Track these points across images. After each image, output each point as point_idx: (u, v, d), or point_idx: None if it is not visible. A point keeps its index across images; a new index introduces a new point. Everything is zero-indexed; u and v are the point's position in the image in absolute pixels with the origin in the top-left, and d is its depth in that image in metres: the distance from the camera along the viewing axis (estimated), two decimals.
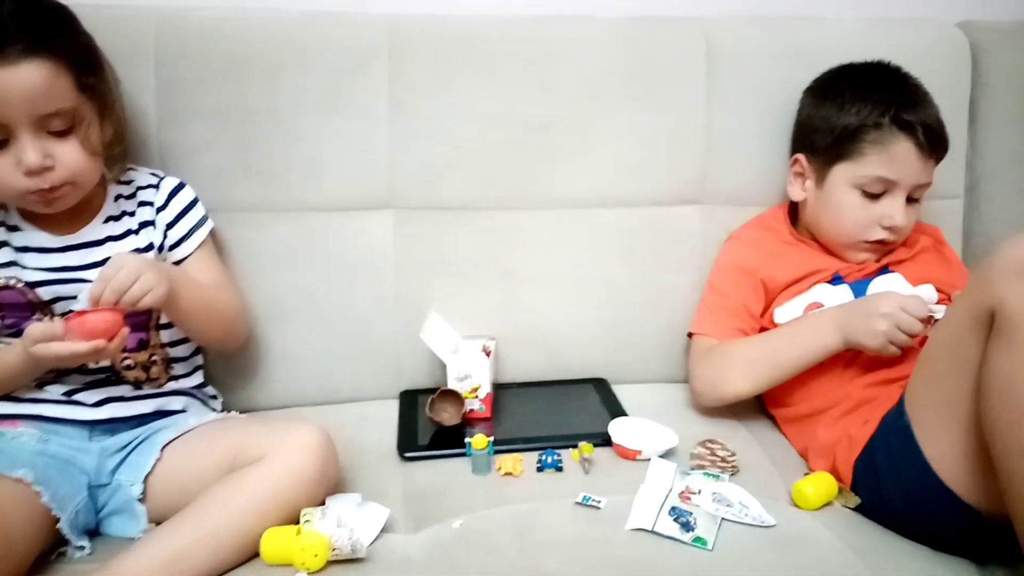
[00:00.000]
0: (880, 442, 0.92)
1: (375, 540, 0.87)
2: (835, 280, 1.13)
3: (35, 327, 0.86)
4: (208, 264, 1.05)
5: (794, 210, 1.22)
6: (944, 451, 0.83)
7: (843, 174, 1.11)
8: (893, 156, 1.07)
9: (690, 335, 1.20)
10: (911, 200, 1.11)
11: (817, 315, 1.08)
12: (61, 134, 0.90)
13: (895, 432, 0.89)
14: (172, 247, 1.03)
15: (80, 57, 0.92)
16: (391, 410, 1.17)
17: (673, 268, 1.25)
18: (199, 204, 1.06)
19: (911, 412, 0.87)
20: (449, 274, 1.22)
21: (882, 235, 1.10)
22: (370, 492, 0.94)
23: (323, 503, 0.89)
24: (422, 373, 1.22)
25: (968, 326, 0.80)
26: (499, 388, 1.19)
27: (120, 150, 0.99)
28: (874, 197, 1.10)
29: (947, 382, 0.83)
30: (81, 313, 0.85)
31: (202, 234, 1.05)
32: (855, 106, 1.10)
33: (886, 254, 1.14)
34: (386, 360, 1.21)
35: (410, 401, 1.18)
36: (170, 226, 1.02)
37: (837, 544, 0.89)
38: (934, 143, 1.09)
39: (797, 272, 1.13)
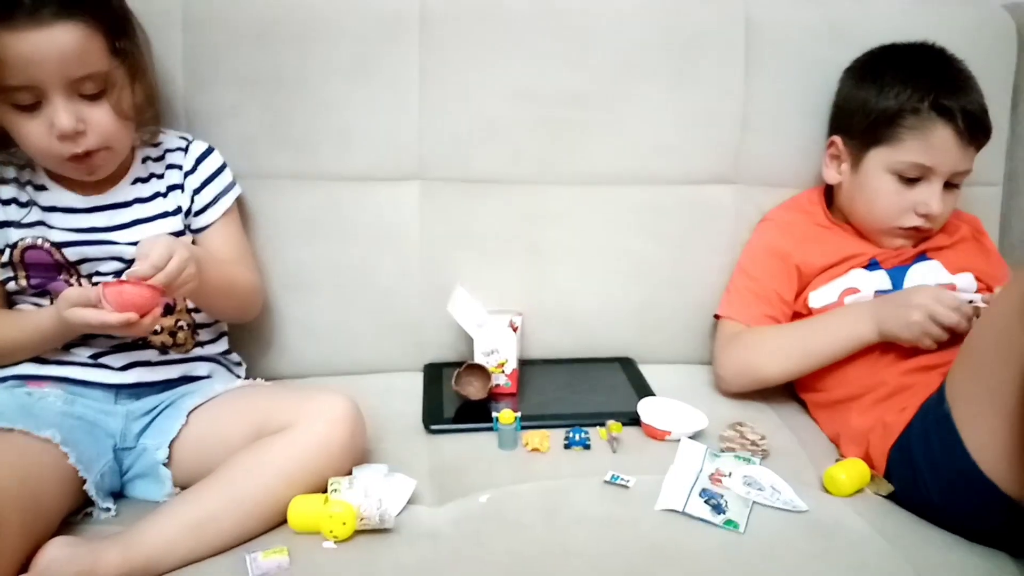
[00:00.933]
0: (918, 429, 0.90)
1: (401, 511, 0.86)
2: (872, 265, 1.10)
3: (71, 291, 0.85)
4: (230, 232, 1.04)
5: (829, 193, 1.19)
6: (985, 440, 0.82)
7: (879, 159, 1.08)
8: (931, 142, 1.05)
9: (716, 317, 1.18)
10: (950, 186, 1.08)
11: (852, 306, 1.06)
12: (93, 98, 0.89)
13: (935, 420, 0.87)
14: (198, 212, 1.01)
15: (112, 20, 0.90)
16: (415, 383, 1.15)
17: (704, 248, 1.23)
18: (227, 170, 1.05)
19: (952, 400, 0.85)
20: (475, 248, 1.20)
21: (917, 222, 1.08)
22: (396, 464, 0.93)
23: (350, 473, 0.88)
24: (446, 347, 1.21)
25: (1016, 316, 0.78)
26: (524, 364, 1.17)
27: (151, 114, 0.98)
28: (910, 183, 1.07)
29: (992, 372, 0.81)
30: (121, 282, 0.84)
31: (228, 201, 1.04)
32: (895, 89, 1.07)
33: (922, 240, 1.12)
34: (410, 332, 1.20)
35: (434, 374, 1.17)
36: (197, 191, 1.01)
37: (870, 532, 0.87)
38: (974, 130, 1.06)
39: (833, 257, 1.11)
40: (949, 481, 0.86)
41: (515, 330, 1.12)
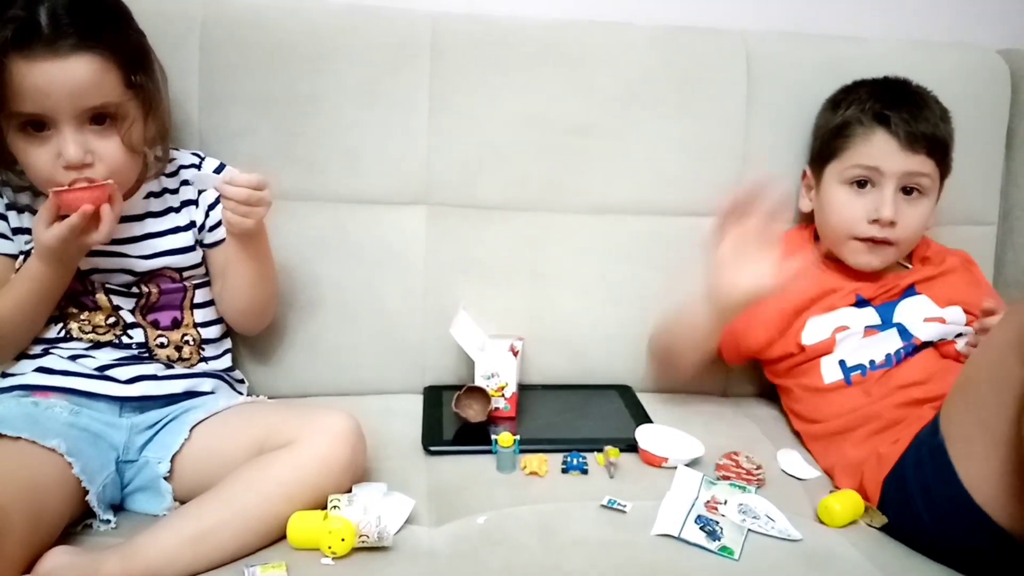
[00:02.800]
0: (912, 460, 0.92)
1: (400, 530, 0.87)
2: (860, 303, 1.12)
3: (37, 219, 0.88)
4: None
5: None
6: (979, 472, 0.83)
7: (832, 172, 1.14)
8: (873, 144, 1.10)
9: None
10: (909, 193, 1.10)
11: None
12: (103, 130, 0.89)
13: (928, 450, 0.88)
14: (212, 227, 1.03)
15: (130, 54, 0.91)
16: (415, 404, 1.16)
17: (697, 279, 1.25)
18: None
19: (946, 431, 0.87)
20: (479, 272, 1.22)
21: (871, 230, 1.10)
22: (394, 484, 0.94)
23: (350, 491, 0.89)
24: (447, 370, 1.22)
25: (1010, 349, 0.79)
26: (523, 388, 1.18)
27: (162, 149, 0.99)
28: (861, 190, 1.11)
29: (986, 403, 0.83)
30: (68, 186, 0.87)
31: None
32: (848, 109, 1.14)
33: (889, 251, 1.11)
34: (412, 355, 1.21)
35: (434, 397, 1.18)
36: (212, 206, 1.02)
37: (863, 562, 0.88)
38: (914, 137, 1.09)
39: (815, 291, 1.12)
40: (943, 511, 0.86)
41: (516, 354, 1.13)
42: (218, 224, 1.03)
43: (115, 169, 0.91)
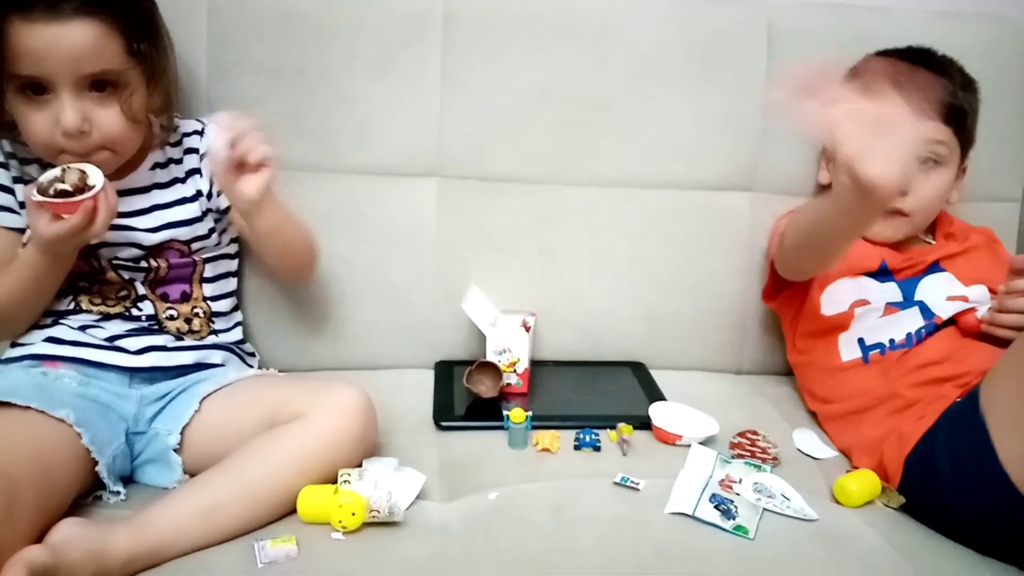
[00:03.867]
0: (942, 436, 0.89)
1: (410, 505, 0.86)
2: (883, 275, 1.09)
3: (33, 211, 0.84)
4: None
5: None
6: (1020, 452, 0.80)
7: None
8: None
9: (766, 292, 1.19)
10: (932, 163, 1.07)
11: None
12: (103, 97, 0.87)
13: (966, 427, 0.86)
14: (220, 193, 1.00)
15: (135, 21, 0.88)
16: (426, 379, 1.15)
17: (719, 254, 1.23)
18: None
19: (987, 407, 0.83)
20: (490, 247, 1.20)
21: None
22: (405, 459, 0.93)
23: (360, 465, 0.88)
24: (458, 345, 1.21)
25: None
26: (535, 365, 1.17)
27: (167, 119, 0.97)
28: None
29: None
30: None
31: None
32: (866, 76, 1.09)
33: (902, 220, 1.08)
34: (422, 330, 1.20)
35: (445, 372, 1.17)
36: None
37: (881, 543, 0.86)
38: (925, 103, 1.05)
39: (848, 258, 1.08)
40: (972, 489, 0.84)
41: (528, 330, 1.12)
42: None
43: (113, 138, 0.89)
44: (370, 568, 0.77)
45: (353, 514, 0.81)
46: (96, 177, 0.85)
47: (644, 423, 1.03)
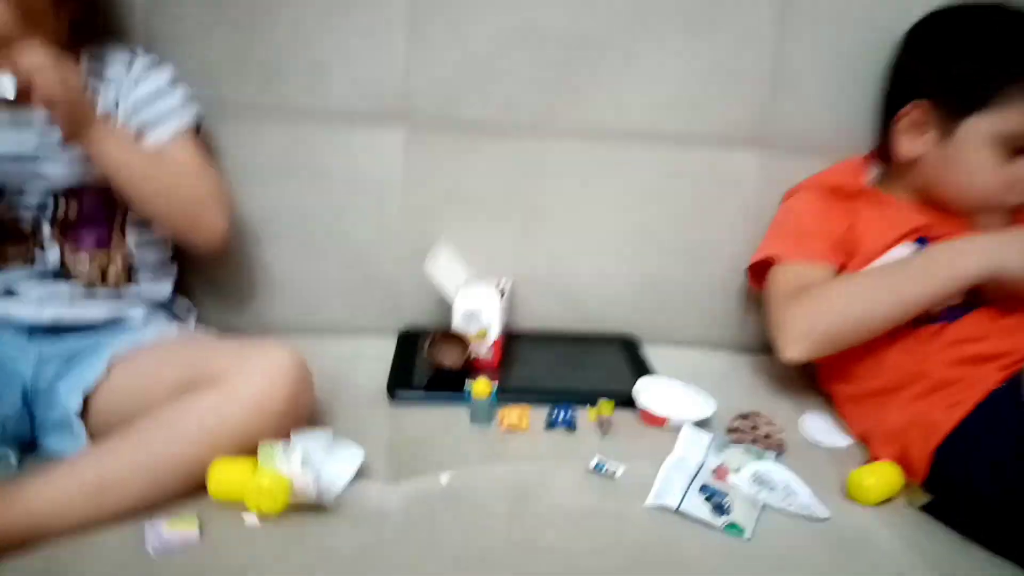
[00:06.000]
0: (981, 424, 0.77)
1: (347, 488, 0.73)
2: (922, 243, 0.95)
3: None
4: (184, 159, 0.89)
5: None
6: None
7: (982, 127, 0.90)
8: None
9: (750, 271, 1.03)
10: None
11: (941, 245, 0.89)
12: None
13: (1009, 415, 0.74)
14: (140, 131, 0.87)
15: None
16: (387, 348, 1.03)
17: (722, 218, 1.09)
18: (179, 90, 0.91)
19: None
20: (464, 203, 1.07)
21: (1021, 199, 0.91)
22: (351, 435, 0.80)
23: (288, 439, 0.75)
24: (426, 312, 1.08)
25: None
26: (512, 337, 1.05)
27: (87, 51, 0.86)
28: (1016, 154, 0.90)
29: None
30: None
31: (177, 122, 0.89)
32: (1000, 51, 0.91)
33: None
34: (386, 293, 1.08)
35: (410, 341, 1.04)
36: (139, 108, 0.88)
37: (902, 548, 0.73)
38: None
39: (898, 229, 0.94)
40: (1016, 491, 0.72)
41: (501, 296, 0.98)
42: (148, 127, 0.88)
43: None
44: (281, 561, 0.65)
45: (273, 497, 0.68)
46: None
47: (629, 401, 0.90)
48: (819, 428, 0.91)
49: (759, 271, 1.01)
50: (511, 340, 1.04)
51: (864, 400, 0.91)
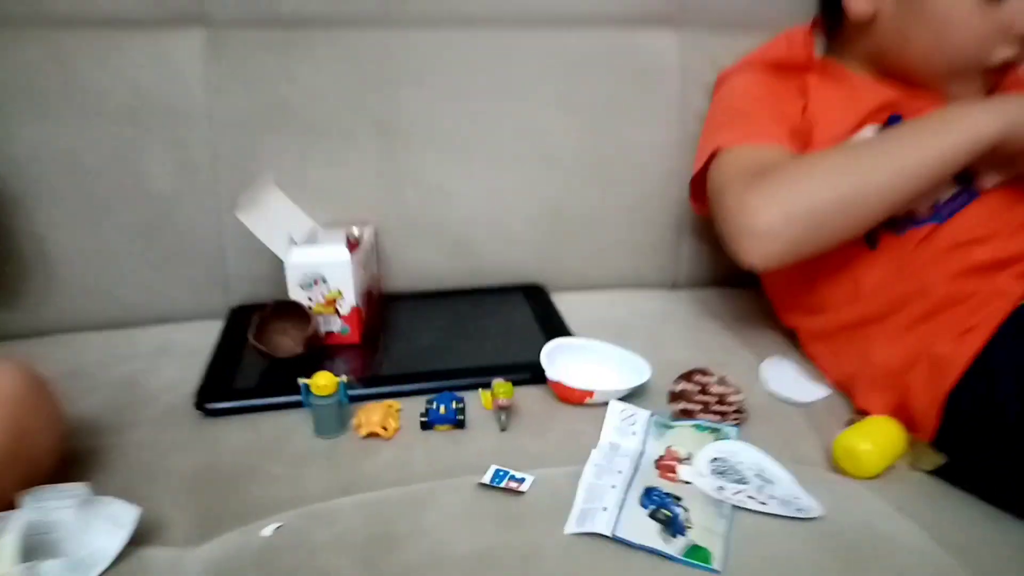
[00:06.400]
0: (1005, 354, 0.58)
1: (115, 562, 0.48)
2: (892, 121, 0.73)
3: None
4: None
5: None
6: None
7: None
8: None
9: (696, 185, 0.79)
10: None
11: (948, 108, 0.68)
12: None
13: None
14: None
15: None
16: (208, 337, 0.76)
17: (641, 122, 0.88)
18: None
19: None
20: (294, 128, 0.82)
21: (1008, 52, 0.71)
22: (136, 473, 0.57)
23: (12, 505, 0.48)
24: (262, 282, 0.81)
25: None
26: (384, 303, 0.79)
27: None
28: (995, 2, 0.70)
29: None
30: None
31: None
32: None
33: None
34: (203, 262, 0.82)
35: (242, 322, 0.77)
36: None
37: (917, 536, 0.52)
38: None
39: (860, 109, 0.73)
40: None
41: (354, 248, 0.72)
42: None
43: None
44: None
45: None
46: None
47: (537, 374, 0.66)
48: (785, 378, 0.70)
49: (703, 187, 0.77)
50: (383, 307, 0.79)
51: (841, 335, 0.70)
